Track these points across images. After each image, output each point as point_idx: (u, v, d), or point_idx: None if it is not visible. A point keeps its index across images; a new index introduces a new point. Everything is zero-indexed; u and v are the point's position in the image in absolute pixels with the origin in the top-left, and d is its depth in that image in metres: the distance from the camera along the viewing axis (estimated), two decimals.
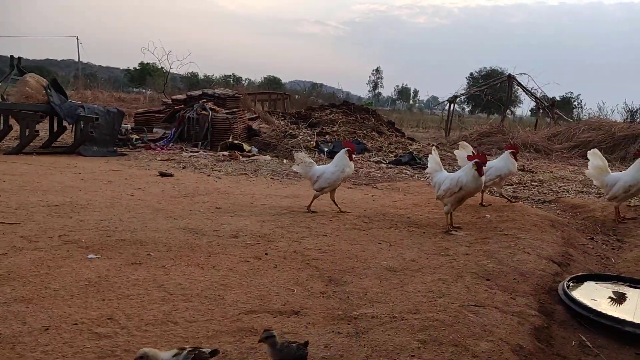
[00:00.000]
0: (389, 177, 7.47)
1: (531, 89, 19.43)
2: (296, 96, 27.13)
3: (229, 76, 55.56)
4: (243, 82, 49.61)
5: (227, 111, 10.77)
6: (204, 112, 10.31)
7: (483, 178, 4.10)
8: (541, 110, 18.86)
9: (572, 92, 41.08)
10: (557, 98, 22.60)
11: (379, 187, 6.52)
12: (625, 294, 2.98)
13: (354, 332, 2.12)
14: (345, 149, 4.74)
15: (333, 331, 2.12)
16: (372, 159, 9.34)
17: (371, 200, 5.42)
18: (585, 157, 11.37)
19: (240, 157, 8.69)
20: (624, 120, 15.78)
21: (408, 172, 8.09)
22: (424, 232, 4.06)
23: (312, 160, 4.90)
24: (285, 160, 8.72)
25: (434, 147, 4.84)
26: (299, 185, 6.33)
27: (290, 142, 9.91)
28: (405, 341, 2.00)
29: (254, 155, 9.14)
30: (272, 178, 6.85)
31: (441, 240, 3.80)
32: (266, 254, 3.20)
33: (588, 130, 13.02)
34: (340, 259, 3.21)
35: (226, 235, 3.58)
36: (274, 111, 14.08)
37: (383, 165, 8.81)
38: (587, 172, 5.26)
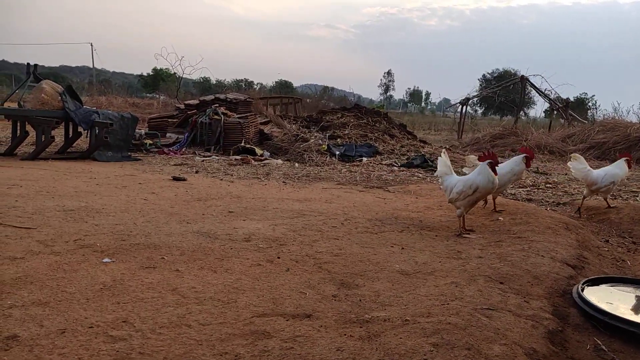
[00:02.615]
0: (400, 180, 7.45)
1: (544, 90, 19.28)
2: (307, 100, 27.25)
3: (241, 80, 56.00)
4: (255, 86, 49.96)
5: (239, 115, 10.85)
6: (216, 116, 10.39)
7: (497, 179, 4.07)
8: (555, 112, 18.69)
9: (586, 93, 40.67)
10: (571, 99, 22.32)
11: (390, 190, 6.51)
12: None
13: (365, 335, 2.12)
14: (524, 154, 4.79)
15: (345, 334, 2.13)
16: (383, 162, 9.33)
17: (383, 203, 5.41)
18: (601, 158, 11.22)
19: (253, 161, 8.74)
20: None
21: (420, 175, 8.07)
22: (436, 235, 4.05)
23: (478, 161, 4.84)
24: (297, 164, 8.75)
25: (443, 150, 4.83)
26: (310, 188, 6.35)
27: (302, 145, 9.94)
28: (417, 344, 1.99)
29: (265, 159, 9.19)
30: (284, 182, 6.88)
31: (454, 244, 3.78)
32: (278, 258, 3.22)
33: (603, 132, 12.88)
34: (352, 262, 3.21)
35: (239, 239, 3.61)
36: (285, 115, 14.16)
37: (395, 168, 8.79)
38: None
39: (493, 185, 4.06)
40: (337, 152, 9.68)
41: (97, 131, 8.26)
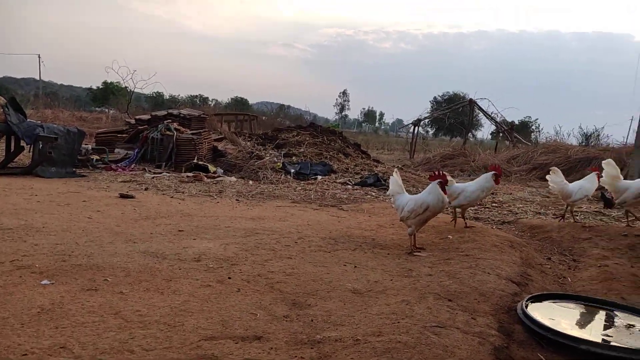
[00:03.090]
0: (354, 199, 7.53)
1: (491, 113, 20.16)
2: (263, 117, 27.22)
3: (196, 96, 55.29)
4: (210, 102, 49.45)
5: (193, 132, 10.67)
6: (168, 132, 10.17)
7: (446, 198, 4.19)
8: (501, 134, 19.55)
9: (530, 117, 42.82)
10: (516, 122, 23.52)
11: (344, 208, 6.56)
12: (582, 312, 3.08)
13: (317, 356, 2.10)
14: (493, 172, 4.93)
15: (296, 356, 2.09)
16: (338, 181, 9.40)
17: (337, 222, 5.43)
18: (543, 179, 11.75)
19: (205, 178, 8.58)
20: (580, 143, 16.54)
21: (373, 194, 8.18)
22: (388, 253, 4.09)
23: (452, 179, 4.99)
24: (251, 182, 8.67)
25: (395, 169, 4.93)
26: (264, 207, 6.29)
27: (256, 163, 9.88)
28: None
29: (219, 176, 9.05)
30: (237, 200, 6.79)
31: (405, 262, 3.83)
32: (229, 278, 3.15)
33: (545, 153, 13.57)
34: (304, 281, 3.19)
35: (188, 259, 3.51)
36: (240, 132, 14.07)
37: (349, 186, 8.88)
38: (601, 180, 5.61)
39: (443, 205, 4.17)
40: (292, 170, 9.68)
41: (40, 146, 7.88)
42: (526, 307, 2.86)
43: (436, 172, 4.30)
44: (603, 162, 5.66)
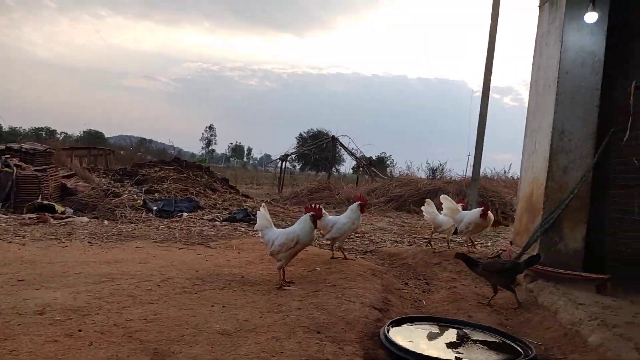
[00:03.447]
0: (223, 235, 7.34)
1: (352, 149, 21.50)
2: (122, 152, 25.51)
3: (41, 129, 49.95)
4: (58, 135, 44.92)
5: (37, 168, 9.54)
6: (6, 168, 8.95)
7: (314, 232, 4.31)
8: (361, 168, 20.89)
9: (385, 152, 46.51)
10: (374, 157, 25.33)
11: (212, 245, 6.35)
12: (436, 332, 3.35)
13: None
14: (358, 202, 5.17)
15: None
16: (205, 217, 9.11)
17: (204, 260, 5.23)
18: (398, 209, 12.70)
19: (52, 219, 7.68)
20: (427, 177, 18.38)
21: (243, 229, 8.08)
22: (258, 290, 4.04)
23: (325, 212, 5.13)
24: (106, 222, 7.98)
25: (263, 204, 4.96)
26: (122, 248, 5.81)
27: (113, 201, 9.15)
28: None
29: (68, 217, 8.17)
30: (90, 242, 6.17)
31: (275, 297, 3.81)
32: (80, 331, 2.81)
33: (399, 186, 14.79)
34: (168, 327, 2.98)
35: (29, 312, 3.06)
36: (94, 168, 12.93)
37: (217, 222, 8.65)
38: (442, 213, 6.34)
39: (312, 237, 4.28)
40: (155, 208, 9.15)
41: None
42: (388, 332, 3.03)
43: (313, 205, 4.42)
44: (441, 197, 6.44)
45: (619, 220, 4.12)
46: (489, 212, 5.81)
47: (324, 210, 5.07)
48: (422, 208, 6.58)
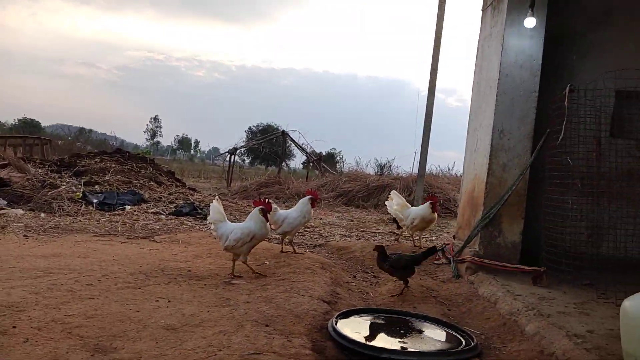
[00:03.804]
0: (168, 229, 7.14)
1: (302, 144, 21.51)
2: (59, 142, 24.26)
3: None
4: None
5: None
6: None
7: (268, 225, 4.29)
8: (311, 164, 20.96)
9: (335, 148, 46.89)
10: (324, 153, 25.49)
11: (157, 239, 6.17)
12: (383, 323, 3.42)
13: None
14: (309, 196, 5.18)
15: None
16: (150, 210, 8.82)
17: (148, 255, 5.06)
18: (347, 204, 12.84)
19: None
20: (376, 173, 18.70)
21: (189, 223, 7.90)
22: (205, 284, 3.97)
23: (277, 206, 5.13)
24: (43, 214, 7.55)
25: (216, 197, 4.86)
26: (60, 242, 5.53)
27: (50, 193, 8.68)
28: None
29: (1, 209, 7.67)
30: (25, 235, 5.83)
31: (222, 291, 3.76)
32: (14, 327, 2.65)
33: (349, 182, 14.97)
34: (109, 322, 2.87)
35: None
36: (30, 158, 12.19)
37: (162, 216, 8.40)
38: (393, 208, 6.45)
39: (267, 231, 4.27)
40: (95, 200, 8.75)
41: None
42: (336, 324, 3.07)
43: (261, 199, 4.37)
44: (391, 192, 6.58)
45: (553, 215, 4.37)
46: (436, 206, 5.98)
47: (275, 205, 5.06)
48: (387, 202, 6.61)
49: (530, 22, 4.71)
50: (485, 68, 5.19)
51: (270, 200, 4.47)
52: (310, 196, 5.22)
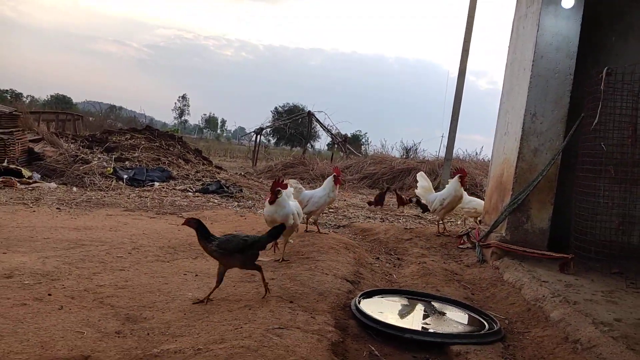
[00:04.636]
0: (195, 206, 7.28)
1: (327, 125, 21.45)
2: (90, 118, 24.80)
3: (6, 91, 47.99)
4: (24, 99, 43.27)
5: (2, 131, 9.19)
6: None
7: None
8: (336, 145, 20.90)
9: (360, 130, 46.58)
10: (349, 135, 25.35)
11: (185, 216, 6.30)
12: (405, 305, 3.44)
13: None
14: (333, 174, 5.24)
15: None
16: (177, 187, 9.00)
17: (176, 230, 5.18)
18: (372, 187, 12.82)
19: (18, 184, 7.46)
20: (401, 156, 18.53)
21: (216, 201, 8.03)
22: None
23: (302, 186, 5.24)
24: (75, 189, 7.79)
25: (290, 180, 5.01)
26: (92, 215, 5.71)
27: (82, 168, 8.93)
28: None
29: (35, 182, 7.94)
30: (58, 208, 6.03)
31: None
32: (49, 295, 2.78)
33: (373, 164, 14.90)
34: (139, 294, 2.97)
35: None
36: (62, 133, 12.52)
37: (190, 193, 8.57)
38: (416, 192, 6.34)
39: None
40: (125, 176, 8.97)
41: None
42: (359, 303, 3.10)
43: (280, 180, 4.40)
44: (417, 174, 6.44)
45: (583, 202, 4.27)
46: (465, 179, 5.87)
47: (300, 185, 5.13)
48: (418, 180, 6.36)
49: (568, 2, 4.54)
50: (520, 49, 5.04)
51: (286, 181, 4.45)
52: (334, 174, 5.23)
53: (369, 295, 3.37)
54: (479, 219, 6.06)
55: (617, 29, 4.91)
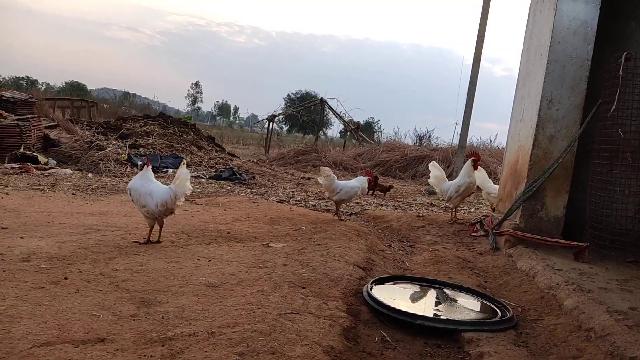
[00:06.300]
0: (209, 192, 7.33)
1: (340, 112, 21.35)
2: (105, 105, 25.00)
3: (22, 78, 48.54)
4: (39, 85, 43.77)
5: (18, 117, 9.32)
6: None
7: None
8: (348, 133, 20.82)
9: (373, 118, 46.35)
10: (362, 122, 25.24)
11: (198, 202, 6.35)
12: (417, 291, 3.44)
13: (168, 353, 2.00)
14: (366, 176, 5.57)
15: (145, 355, 1.97)
16: (191, 174, 9.06)
17: (190, 216, 5.23)
18: (384, 174, 12.77)
19: (35, 170, 7.57)
20: (414, 143, 18.41)
21: (228, 187, 8.07)
22: (244, 246, 4.08)
23: (334, 175, 5.45)
24: (90, 175, 7.89)
25: (323, 169, 5.39)
26: (107, 201, 5.78)
27: (97, 154, 9.02)
28: (223, 355, 1.96)
29: (51, 168, 8.06)
30: (73, 194, 6.12)
31: (260, 254, 3.86)
32: (66, 279, 2.83)
33: (386, 152, 14.83)
34: (154, 278, 3.01)
35: (15, 259, 3.06)
36: (77, 120, 12.66)
37: (203, 180, 8.62)
38: (429, 181, 6.25)
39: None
40: (140, 162, 9.03)
41: None
42: (371, 289, 3.11)
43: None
44: (429, 164, 6.33)
45: (599, 190, 4.21)
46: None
47: (333, 174, 5.44)
48: (430, 170, 6.19)
49: None
50: (536, 34, 4.94)
51: (320, 169, 4.73)
52: (367, 177, 5.60)
53: (380, 281, 3.37)
54: (492, 206, 6.01)
55: (637, 14, 4.78)
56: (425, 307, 3.22)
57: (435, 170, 6.20)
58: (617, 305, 2.85)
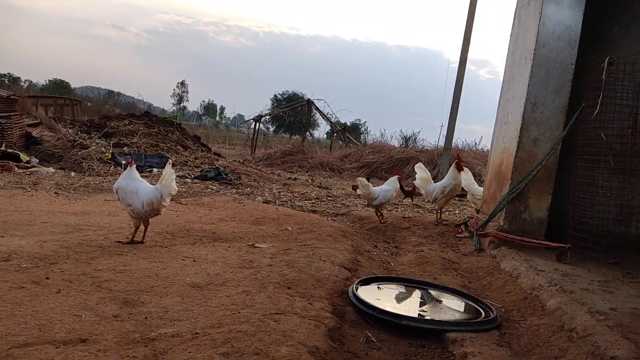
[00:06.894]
0: (194, 192, 7.28)
1: (327, 113, 21.33)
2: (88, 103, 24.69)
3: (4, 75, 47.72)
4: (22, 83, 43.07)
5: (0, 115, 9.15)
6: None
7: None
8: (335, 134, 20.83)
9: (360, 119, 46.48)
10: (348, 123, 25.23)
11: (183, 202, 6.29)
12: (402, 292, 3.45)
13: (151, 354, 1.97)
14: (397, 176, 5.94)
15: (127, 356, 1.94)
16: (176, 174, 8.98)
17: (175, 216, 5.19)
18: (371, 175, 12.78)
19: (16, 168, 7.44)
20: (400, 145, 18.48)
21: (214, 188, 8.02)
22: (229, 247, 4.05)
23: (370, 184, 5.77)
24: (73, 173, 7.77)
25: (359, 180, 5.67)
26: (90, 200, 5.70)
27: (80, 153, 8.90)
28: (207, 356, 1.94)
29: (33, 166, 7.92)
30: (56, 193, 6.02)
31: (246, 254, 3.84)
32: (47, 278, 2.78)
33: (372, 153, 14.88)
34: (137, 278, 2.97)
35: None
36: (60, 118, 12.47)
37: (188, 180, 8.55)
38: (415, 183, 6.26)
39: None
40: (124, 162, 8.92)
41: None
42: (356, 290, 3.11)
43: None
44: (415, 166, 6.36)
45: (582, 192, 4.27)
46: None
47: (368, 182, 5.73)
48: (416, 171, 6.22)
49: None
50: (521, 38, 5.00)
51: (357, 179, 4.98)
52: (397, 176, 5.95)
53: (366, 282, 3.38)
54: (477, 208, 6.05)
55: (620, 20, 4.87)
56: (410, 307, 3.24)
57: (421, 171, 6.23)
58: (598, 306, 2.89)
